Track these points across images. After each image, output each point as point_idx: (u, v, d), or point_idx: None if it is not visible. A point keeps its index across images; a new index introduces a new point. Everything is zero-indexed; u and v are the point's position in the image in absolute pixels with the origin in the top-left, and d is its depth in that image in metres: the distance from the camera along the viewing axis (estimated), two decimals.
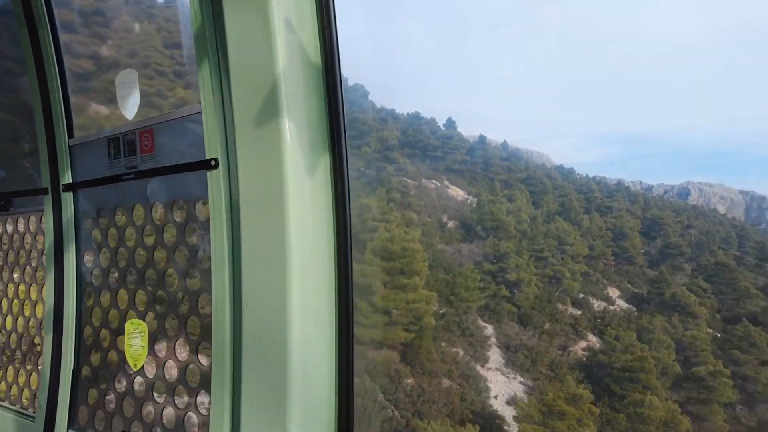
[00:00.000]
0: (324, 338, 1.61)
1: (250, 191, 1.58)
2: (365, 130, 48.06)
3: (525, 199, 45.73)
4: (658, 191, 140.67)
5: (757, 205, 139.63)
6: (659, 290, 37.32)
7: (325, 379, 1.61)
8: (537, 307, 29.88)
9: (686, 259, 48.88)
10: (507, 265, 29.56)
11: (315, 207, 1.59)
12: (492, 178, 58.53)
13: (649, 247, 52.69)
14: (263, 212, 1.55)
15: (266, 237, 1.54)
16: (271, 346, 1.54)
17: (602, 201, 64.56)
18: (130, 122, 2.03)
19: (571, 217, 41.87)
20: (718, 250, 52.25)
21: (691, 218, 67.81)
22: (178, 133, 1.88)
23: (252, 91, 1.54)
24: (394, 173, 37.60)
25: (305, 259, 1.54)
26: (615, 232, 46.15)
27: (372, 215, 27.03)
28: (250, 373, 1.60)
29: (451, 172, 57.23)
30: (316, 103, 1.60)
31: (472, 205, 48.64)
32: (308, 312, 1.55)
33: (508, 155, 66.55)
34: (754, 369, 27.92)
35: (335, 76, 1.60)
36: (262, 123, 1.53)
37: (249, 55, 1.55)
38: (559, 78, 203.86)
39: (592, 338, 30.95)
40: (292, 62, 1.53)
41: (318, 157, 1.61)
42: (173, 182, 1.88)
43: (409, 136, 57.64)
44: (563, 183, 67.94)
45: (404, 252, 20.46)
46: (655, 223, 59.12)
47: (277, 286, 1.51)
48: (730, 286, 44.70)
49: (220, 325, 1.64)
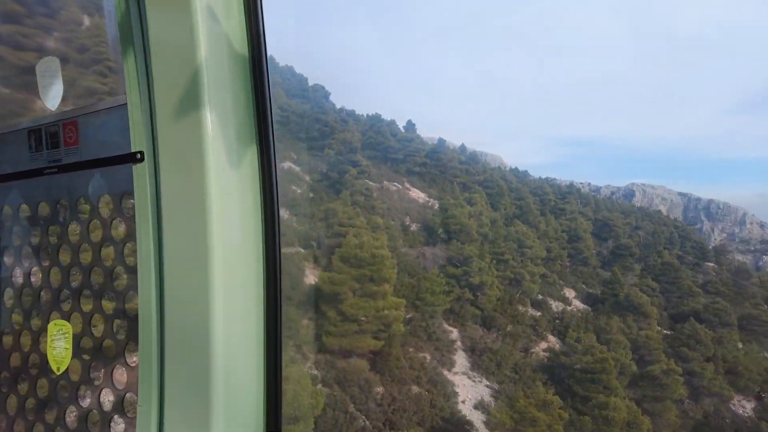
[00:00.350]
0: (250, 337, 1.59)
1: (173, 186, 1.56)
2: (327, 131, 47.55)
3: (484, 202, 46.56)
4: (606, 192, 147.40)
5: (694, 206, 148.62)
6: (613, 290, 38.82)
7: (252, 379, 1.59)
8: (499, 310, 30.38)
9: (635, 259, 51.29)
10: (470, 269, 29.88)
11: (241, 201, 1.57)
12: (451, 181, 59.36)
13: (601, 248, 54.94)
14: (186, 208, 1.53)
15: (189, 234, 1.52)
16: (194, 346, 1.52)
17: (555, 203, 66.86)
18: (53, 113, 1.95)
19: (529, 220, 42.95)
20: (663, 250, 55.13)
21: (638, 219, 71.39)
22: (103, 126, 1.80)
23: (174, 81, 1.50)
24: (357, 176, 37.25)
25: (230, 257, 1.52)
26: (570, 234, 47.75)
27: (338, 220, 26.63)
28: (175, 373, 1.58)
29: (411, 174, 57.56)
30: (243, 95, 1.57)
31: (434, 208, 49.09)
32: (233, 311, 1.53)
33: (467, 158, 67.72)
34: (699, 365, 29.50)
35: (262, 68, 1.57)
36: (184, 115, 1.49)
37: (171, 45, 1.51)
38: (511, 84, 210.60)
39: (552, 339, 31.79)
40: (216, 52, 1.49)
41: (244, 150, 1.58)
42: (98, 176, 1.81)
43: (369, 138, 57.53)
44: (518, 185, 69.92)
45: (374, 259, 20.22)
46: (605, 225, 61.77)
47: (201, 285, 1.48)
48: (675, 285, 47.24)
49: (147, 324, 1.60)
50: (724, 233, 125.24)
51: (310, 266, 27.94)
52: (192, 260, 1.51)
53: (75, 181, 1.87)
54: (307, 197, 35.63)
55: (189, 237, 1.52)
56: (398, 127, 66.73)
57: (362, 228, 27.57)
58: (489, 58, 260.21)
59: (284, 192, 35.21)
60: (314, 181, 40.78)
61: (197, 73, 1.45)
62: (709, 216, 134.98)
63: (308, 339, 20.63)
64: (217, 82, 1.49)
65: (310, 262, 28.37)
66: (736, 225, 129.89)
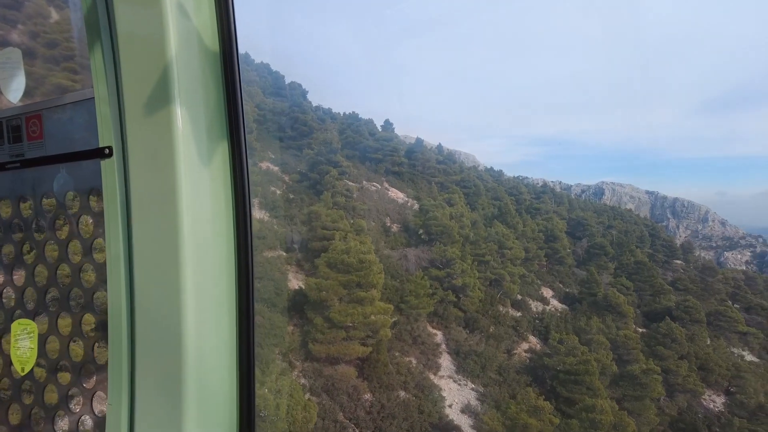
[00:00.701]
0: (223, 335, 1.58)
1: (142, 182, 1.53)
2: (306, 131, 46.91)
3: (463, 203, 46.80)
4: (576, 191, 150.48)
5: (660, 204, 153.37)
6: (590, 290, 39.58)
7: (224, 377, 1.59)
8: (481, 311, 30.53)
9: (610, 258, 52.43)
10: (453, 271, 29.91)
11: (212, 198, 1.56)
12: (429, 181, 59.50)
13: (576, 247, 55.96)
14: (156, 205, 1.50)
15: (159, 231, 1.50)
16: (165, 344, 1.50)
17: (530, 203, 67.86)
18: (15, 106, 1.89)
19: (507, 221, 43.34)
20: (636, 249, 56.53)
21: (610, 219, 73.09)
22: (69, 119, 1.76)
23: (143, 76, 1.49)
24: (338, 177, 36.86)
25: (201, 254, 1.50)
26: (547, 234, 48.45)
27: (322, 223, 26.24)
28: (146, 371, 1.55)
29: (389, 174, 57.38)
30: (214, 92, 1.57)
31: (413, 208, 49.07)
32: (205, 309, 1.52)
33: (444, 158, 67.99)
34: (675, 363, 30.34)
35: (233, 64, 1.57)
36: (153, 110, 1.48)
37: (139, 38, 1.49)
38: (483, 83, 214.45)
39: (533, 339, 32.16)
40: (187, 48, 1.48)
41: (215, 146, 1.57)
42: (65, 172, 1.77)
43: (347, 137, 57.09)
44: (494, 185, 70.70)
45: (361, 264, 19.96)
46: (579, 224, 62.98)
47: (172, 283, 1.47)
48: (647, 283, 48.49)
49: (117, 322, 1.58)
50: (689, 230, 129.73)
51: (293, 270, 27.47)
52: (162, 258, 1.49)
53: (40, 177, 1.81)
54: (287, 198, 35.06)
55: (159, 235, 1.50)
56: (376, 126, 66.54)
57: (347, 231, 27.26)
58: (460, 57, 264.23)
59: (264, 193, 34.54)
60: (294, 182, 40.18)
61: (167, 68, 1.44)
62: (675, 214, 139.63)
63: (294, 346, 20.24)
64: (187, 77, 1.48)
65: (293, 265, 27.90)
66: (699, 222, 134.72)
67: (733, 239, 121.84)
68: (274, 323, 20.68)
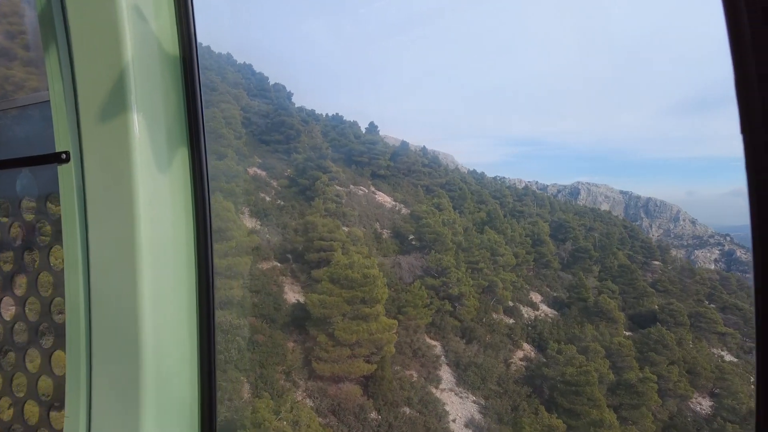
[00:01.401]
0: (183, 342, 1.56)
1: (100, 187, 1.50)
2: (293, 134, 46.05)
3: (451, 208, 46.67)
4: (552, 191, 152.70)
5: (634, 204, 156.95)
6: (579, 295, 39.92)
7: (185, 384, 1.55)
8: (477, 320, 30.42)
9: (594, 261, 53.13)
10: (449, 279, 29.71)
11: (172, 204, 1.52)
12: (415, 184, 59.27)
13: (560, 250, 56.51)
14: (114, 210, 1.47)
15: (117, 237, 1.46)
16: (124, 352, 1.46)
17: (514, 206, 68.35)
18: None
19: (497, 226, 43.40)
20: (618, 251, 57.44)
21: (591, 220, 74.17)
22: (24, 123, 1.72)
23: (99, 79, 1.45)
24: (328, 182, 36.24)
25: (160, 260, 1.48)
26: (534, 239, 48.78)
27: (318, 234, 25.66)
28: (104, 381, 1.51)
29: (375, 177, 56.91)
30: (173, 96, 1.54)
31: (401, 212, 48.74)
32: (164, 316, 1.48)
33: (430, 161, 67.86)
34: (666, 369, 30.81)
35: (193, 69, 1.54)
36: (110, 114, 1.44)
37: (95, 41, 1.46)
38: (459, 83, 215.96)
39: (527, 347, 32.23)
40: (144, 51, 1.45)
41: (174, 151, 1.54)
42: (20, 176, 1.72)
43: (332, 140, 56.36)
44: (477, 188, 70.96)
45: (365, 280, 19.51)
46: (561, 226, 63.63)
47: (130, 290, 1.43)
48: (631, 286, 49.25)
49: (75, 331, 1.54)
50: (661, 229, 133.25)
51: (288, 282, 26.81)
52: (121, 264, 1.46)
53: None
54: (279, 206, 34.28)
55: (117, 240, 1.47)
56: (360, 128, 65.93)
57: (344, 241, 26.75)
58: (436, 57, 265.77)
59: (254, 201, 33.67)
60: (282, 187, 39.35)
61: (124, 71, 1.40)
62: (648, 213, 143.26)
63: (297, 365, 19.67)
64: (145, 81, 1.45)
65: (288, 276, 27.23)
66: (671, 221, 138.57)
67: (702, 238, 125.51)
68: (276, 341, 20.06)
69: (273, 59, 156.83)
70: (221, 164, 28.23)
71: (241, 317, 19.18)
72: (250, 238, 21.86)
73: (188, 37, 1.53)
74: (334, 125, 62.00)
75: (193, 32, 1.54)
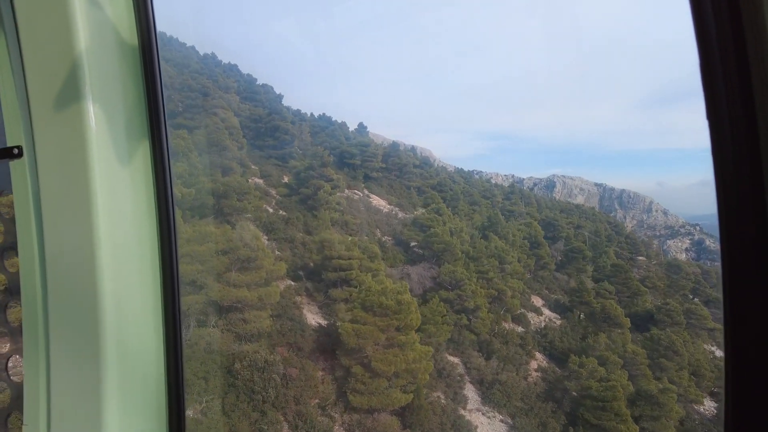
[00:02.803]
0: (148, 344, 1.50)
1: (54, 184, 1.44)
2: (287, 139, 44.66)
3: (449, 212, 46.22)
4: (529, 183, 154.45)
5: (608, 196, 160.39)
6: (581, 299, 40.08)
7: (151, 389, 1.49)
8: (492, 332, 30.12)
9: (587, 261, 53.61)
10: (464, 292, 29.26)
11: (133, 200, 1.47)
12: (408, 186, 58.61)
13: (552, 250, 56.82)
14: (70, 207, 1.41)
15: (75, 235, 1.41)
16: (85, 357, 1.40)
17: (503, 204, 68.46)
18: None
19: (498, 231, 43.16)
20: (609, 250, 58.16)
21: (577, 218, 75.00)
22: None
23: (51, 70, 1.39)
24: (331, 192, 35.24)
25: (121, 260, 1.41)
26: (531, 241, 48.85)
27: (336, 253, 24.76)
28: (64, 388, 1.45)
29: (368, 180, 55.99)
30: (132, 86, 1.47)
31: (398, 217, 48.09)
32: (127, 317, 1.42)
33: (420, 161, 67.29)
34: (677, 374, 31.22)
35: (153, 57, 1.48)
36: (64, 107, 1.38)
37: (44, 30, 1.39)
38: (432, 79, 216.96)
39: (539, 356, 32.15)
40: (99, 40, 1.38)
41: (135, 145, 1.47)
42: None
43: (323, 142, 55.07)
44: (466, 187, 70.75)
45: (399, 307, 18.81)
46: (550, 225, 64.03)
47: (89, 291, 1.37)
48: (624, 285, 49.84)
49: (32, 336, 1.47)
50: (635, 220, 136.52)
51: (305, 302, 25.82)
52: (80, 265, 1.39)
53: None
54: (285, 218, 33.08)
55: (76, 239, 1.40)
56: (349, 129, 64.72)
57: (361, 259, 25.91)
58: (409, 54, 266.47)
59: (258, 215, 32.36)
60: (282, 196, 38.09)
61: (77, 60, 1.33)
62: (622, 205, 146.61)
63: (331, 398, 18.86)
64: (100, 71, 1.37)
65: (303, 296, 26.23)
66: (644, 212, 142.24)
67: (674, 228, 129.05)
68: (308, 373, 19.18)
69: (241, 56, 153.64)
70: (231, 180, 26.86)
71: (273, 351, 18.23)
72: (278, 267, 20.79)
73: (146, 25, 1.45)
74: (323, 126, 60.67)
75: (151, 20, 1.46)
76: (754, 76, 0.91)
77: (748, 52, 0.91)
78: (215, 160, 29.41)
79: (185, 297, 17.67)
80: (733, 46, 0.91)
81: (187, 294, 17.87)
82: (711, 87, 0.95)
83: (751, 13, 0.89)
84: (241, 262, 20.51)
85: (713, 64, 0.94)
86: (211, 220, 24.25)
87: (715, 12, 0.92)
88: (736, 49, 0.91)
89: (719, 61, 0.93)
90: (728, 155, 0.94)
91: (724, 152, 0.95)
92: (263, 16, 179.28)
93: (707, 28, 0.93)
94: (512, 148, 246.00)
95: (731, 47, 0.92)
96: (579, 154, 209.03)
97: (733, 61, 0.91)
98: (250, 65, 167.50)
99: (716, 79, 0.94)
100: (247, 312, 18.60)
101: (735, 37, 0.91)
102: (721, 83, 0.94)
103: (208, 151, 29.30)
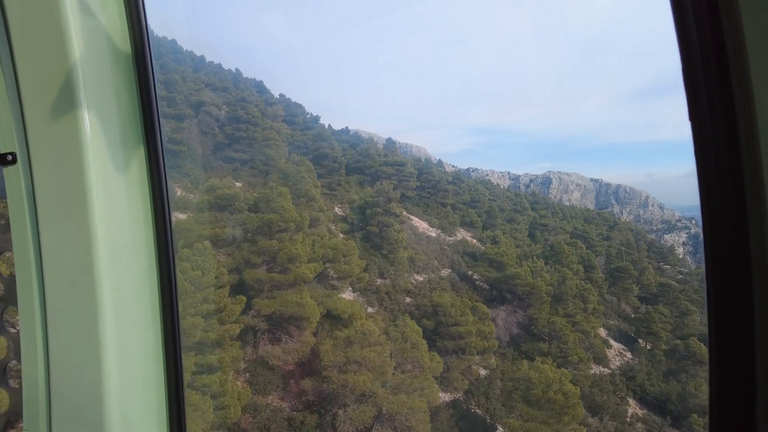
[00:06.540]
0: (147, 348, 1.47)
1: (50, 190, 1.42)
2: (336, 167, 42.18)
3: (504, 239, 44.56)
4: (525, 180, 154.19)
5: (605, 191, 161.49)
6: (649, 329, 39.04)
7: (151, 392, 1.46)
8: (593, 385, 28.66)
9: (633, 280, 52.57)
10: (566, 345, 27.66)
11: (129, 205, 1.44)
12: (444, 204, 56.67)
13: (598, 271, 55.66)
14: (66, 214, 1.39)
15: (72, 241, 1.38)
16: (84, 360, 1.37)
17: (534, 218, 66.87)
18: None
19: (562, 261, 41.54)
20: (649, 265, 57.22)
21: (603, 228, 74.10)
22: None
23: (45, 77, 1.37)
24: (399, 229, 33.12)
25: (118, 264, 1.39)
26: (584, 265, 47.51)
27: (453, 320, 22.84)
28: (64, 391, 1.43)
29: (405, 199, 53.84)
30: (125, 93, 1.46)
31: (447, 242, 46.23)
32: (126, 322, 1.40)
33: (452, 177, 65.34)
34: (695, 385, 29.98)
35: (146, 62, 1.46)
36: (59, 114, 1.37)
37: (38, 36, 1.36)
38: (422, 74, 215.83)
39: (632, 402, 30.88)
40: (93, 47, 1.37)
41: (130, 150, 1.45)
42: None
43: (358, 161, 52.65)
44: (500, 203, 68.66)
45: (567, 400, 17.08)
46: (581, 238, 62.88)
47: (87, 295, 1.35)
48: (674, 305, 48.90)
49: (30, 341, 1.46)
50: (632, 215, 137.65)
51: None
52: (77, 270, 1.37)
53: None
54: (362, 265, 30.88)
55: (72, 245, 1.38)
56: (376, 144, 62.26)
57: (475, 323, 24.05)
58: (399, 49, 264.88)
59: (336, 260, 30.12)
60: (342, 232, 35.83)
61: (71, 67, 1.32)
62: (618, 200, 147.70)
63: None
64: (95, 79, 1.36)
65: None
66: (640, 207, 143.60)
67: (670, 222, 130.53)
68: None
69: (231, 51, 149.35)
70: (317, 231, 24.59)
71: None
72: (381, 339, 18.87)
73: (139, 31, 1.44)
74: (352, 143, 58.14)
75: (144, 25, 1.44)
76: (733, 80, 0.95)
77: (728, 57, 0.95)
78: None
79: None
80: (714, 51, 0.96)
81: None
82: (693, 90, 0.99)
83: (730, 18, 0.93)
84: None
85: (695, 69, 0.98)
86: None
87: (696, 18, 0.97)
88: (716, 54, 0.96)
89: (701, 66, 0.97)
90: (710, 154, 0.98)
91: (706, 151, 0.99)
92: (248, 10, 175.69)
93: (689, 34, 0.98)
94: (501, 143, 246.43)
95: (711, 53, 0.96)
96: (567, 147, 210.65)
97: (713, 65, 0.96)
98: (233, 59, 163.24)
99: (698, 82, 0.98)
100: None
101: (715, 43, 0.96)
102: (703, 87, 0.98)
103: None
